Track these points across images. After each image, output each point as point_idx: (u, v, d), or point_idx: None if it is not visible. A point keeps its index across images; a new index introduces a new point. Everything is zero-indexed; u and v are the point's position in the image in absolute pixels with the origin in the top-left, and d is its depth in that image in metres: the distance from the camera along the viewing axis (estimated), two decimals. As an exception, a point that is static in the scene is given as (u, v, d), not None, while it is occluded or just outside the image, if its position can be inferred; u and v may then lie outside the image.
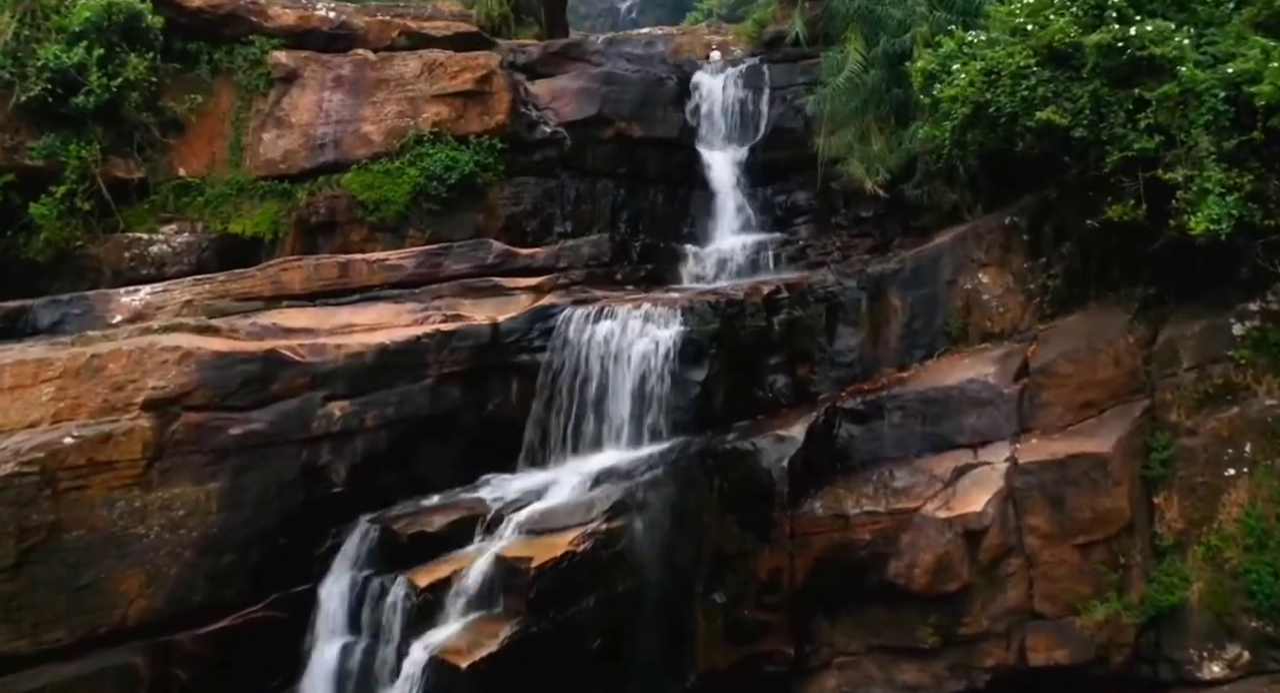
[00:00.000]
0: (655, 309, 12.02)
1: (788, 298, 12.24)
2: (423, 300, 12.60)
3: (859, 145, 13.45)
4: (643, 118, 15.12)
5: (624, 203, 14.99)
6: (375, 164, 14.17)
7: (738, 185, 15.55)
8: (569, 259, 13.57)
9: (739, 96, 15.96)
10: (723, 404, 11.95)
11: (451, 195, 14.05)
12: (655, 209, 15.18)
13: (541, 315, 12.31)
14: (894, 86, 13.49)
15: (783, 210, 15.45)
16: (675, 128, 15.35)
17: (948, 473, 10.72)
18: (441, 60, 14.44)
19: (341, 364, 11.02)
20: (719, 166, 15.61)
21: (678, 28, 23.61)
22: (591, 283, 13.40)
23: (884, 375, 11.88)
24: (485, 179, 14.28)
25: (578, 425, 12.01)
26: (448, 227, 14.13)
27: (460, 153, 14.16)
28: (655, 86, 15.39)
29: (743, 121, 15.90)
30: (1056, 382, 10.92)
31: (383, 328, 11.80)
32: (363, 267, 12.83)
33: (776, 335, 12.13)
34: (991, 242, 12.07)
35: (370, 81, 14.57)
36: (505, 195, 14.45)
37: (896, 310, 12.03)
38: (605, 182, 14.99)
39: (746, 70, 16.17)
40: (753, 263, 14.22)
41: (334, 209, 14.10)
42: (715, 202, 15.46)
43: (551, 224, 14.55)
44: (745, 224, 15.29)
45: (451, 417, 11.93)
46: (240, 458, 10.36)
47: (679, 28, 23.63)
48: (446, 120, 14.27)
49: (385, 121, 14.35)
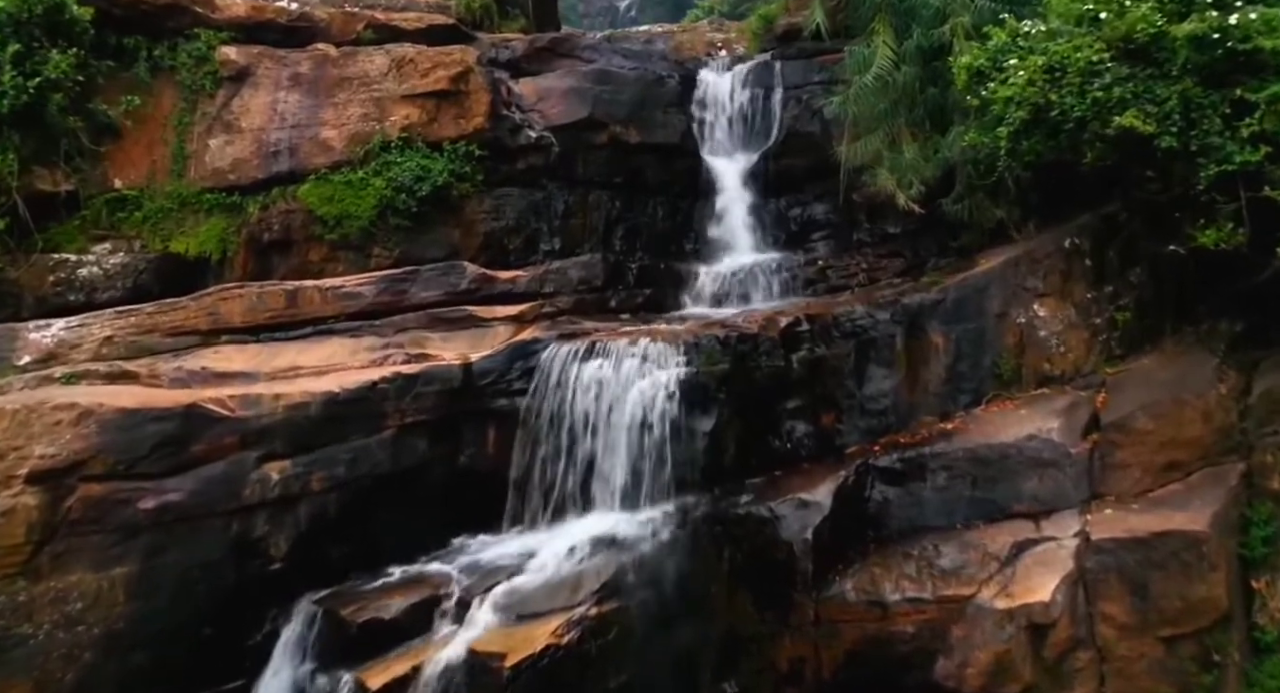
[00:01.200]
0: (654, 345, 10.10)
1: (809, 332, 10.29)
2: (384, 334, 10.65)
3: (888, 153, 11.49)
4: (640, 121, 13.15)
5: (619, 217, 13.02)
6: (336, 174, 12.24)
7: (747, 197, 13.58)
8: (556, 284, 11.63)
9: (748, 97, 13.99)
10: (734, 457, 10.03)
11: (423, 210, 12.13)
12: (654, 224, 13.21)
13: (522, 352, 10.37)
14: (929, 86, 11.53)
15: (798, 225, 13.48)
16: (677, 132, 13.37)
17: (1005, 549, 8.77)
18: (411, 56, 12.48)
19: (280, 417, 9.07)
20: (726, 176, 13.65)
21: (678, 25, 21.92)
22: (581, 311, 11.47)
23: (924, 426, 9.92)
24: (461, 191, 12.34)
25: (564, 482, 10.09)
26: (419, 245, 12.22)
27: (433, 161, 12.22)
28: (654, 86, 13.42)
29: (752, 125, 13.94)
30: (1133, 439, 8.99)
31: (334, 370, 9.86)
32: (314, 295, 10.87)
33: (796, 376, 10.19)
34: (1049, 268, 10.11)
35: (331, 80, 12.62)
36: (484, 209, 12.50)
37: (937, 349, 10.09)
38: (598, 193, 13.02)
39: (756, 68, 14.19)
40: (766, 287, 12.26)
41: (289, 225, 12.16)
42: (722, 215, 13.49)
43: (537, 241, 12.60)
44: (756, 241, 13.32)
45: (417, 473, 10.01)
46: (154, 536, 8.42)
47: (679, 25, 21.92)
48: (417, 124, 12.32)
49: (348, 126, 12.40)
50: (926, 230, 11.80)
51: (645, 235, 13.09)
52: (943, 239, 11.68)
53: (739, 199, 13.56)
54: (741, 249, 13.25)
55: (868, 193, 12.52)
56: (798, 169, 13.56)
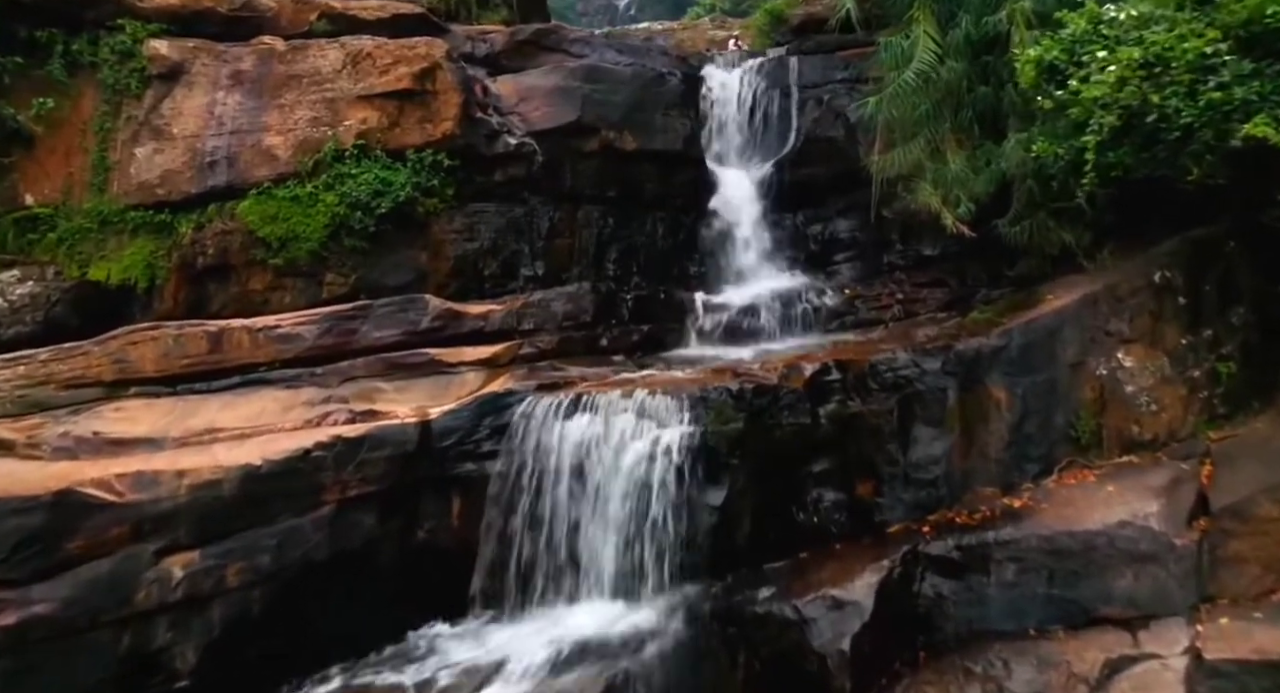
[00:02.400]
0: (653, 398, 8.19)
1: (840, 382, 8.34)
2: (327, 384, 8.71)
3: (930, 163, 9.53)
4: (637, 125, 11.19)
5: (613, 236, 11.07)
6: (281, 188, 10.29)
7: (760, 212, 11.63)
8: (536, 319, 9.69)
9: (761, 97, 12.04)
10: (749, 536, 8.12)
11: (382, 229, 10.20)
12: (653, 244, 11.25)
13: (493, 407, 8.43)
14: (978, 84, 9.56)
15: (819, 244, 11.53)
16: (679, 137, 11.40)
17: (1095, 670, 6.81)
18: (369, 50, 10.50)
19: (184, 500, 7.15)
20: (736, 187, 11.70)
21: (678, 22, 20.70)
22: (567, 352, 9.54)
23: (982, 500, 7.96)
24: (428, 207, 10.40)
25: (545, 564, 8.20)
26: (379, 270, 10.29)
27: (394, 173, 10.27)
28: (654, 85, 11.45)
29: (766, 129, 11.99)
30: (1252, 528, 7.03)
31: (260, 433, 7.92)
32: (243, 338, 8.92)
33: (825, 436, 8.24)
34: (1135, 307, 8.15)
35: (277, 78, 10.65)
36: (455, 228, 10.55)
37: (999, 405, 8.12)
38: (588, 208, 11.07)
39: (769, 65, 12.24)
40: (783, 320, 10.30)
41: (227, 248, 10.23)
42: (731, 233, 11.55)
43: (517, 265, 10.65)
44: (771, 263, 11.38)
45: (363, 554, 8.11)
46: (14, 660, 6.51)
47: (680, 22, 20.71)
48: (375, 129, 10.36)
49: (295, 131, 10.44)
50: (973, 253, 9.84)
51: (643, 257, 11.14)
52: (994, 265, 9.73)
53: (750, 214, 11.62)
54: (754, 273, 11.30)
55: (901, 208, 10.60)
56: (818, 179, 11.62)
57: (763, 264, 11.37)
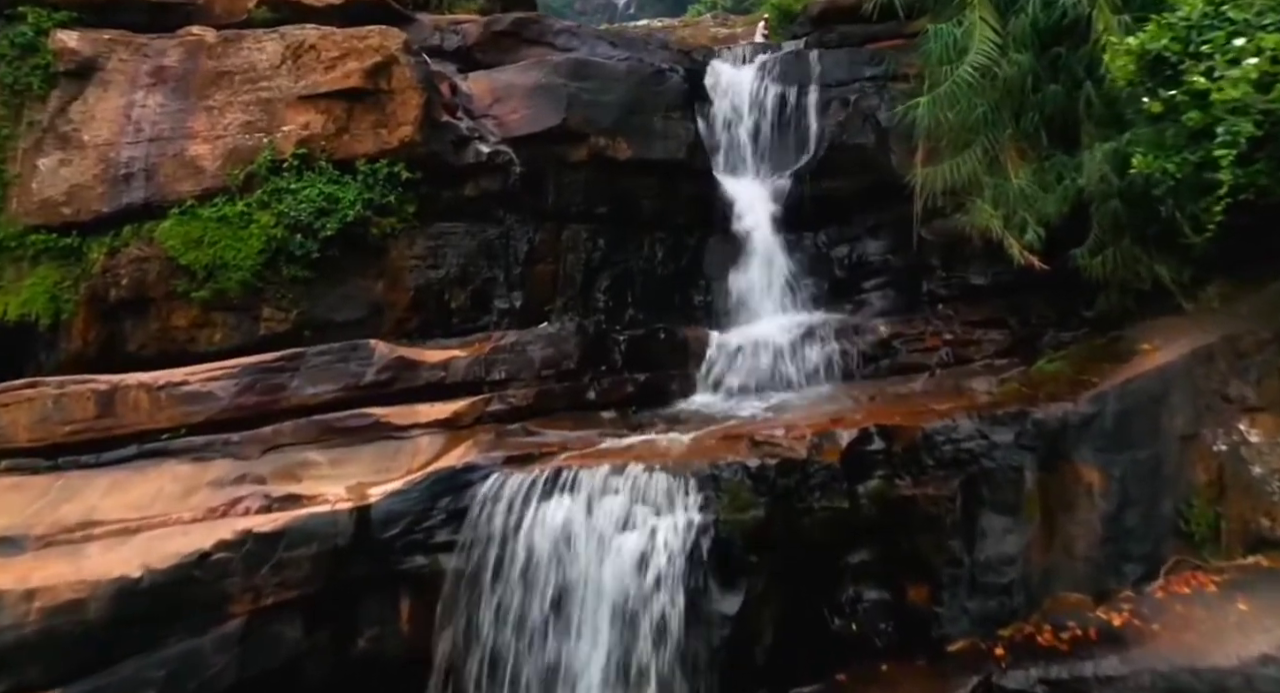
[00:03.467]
0: (650, 476, 6.42)
1: (884, 454, 6.53)
2: (244, 455, 6.91)
3: (989, 177, 7.71)
4: (633, 130, 9.37)
5: (604, 261, 9.27)
6: (207, 206, 8.54)
7: (776, 231, 9.81)
8: (509, 366, 7.89)
9: (776, 97, 10.21)
10: (771, 652, 6.36)
11: (329, 255, 8.46)
12: (652, 269, 9.44)
13: (449, 485, 6.63)
14: (1048, 81, 7.73)
15: (845, 269, 9.72)
16: (682, 145, 9.58)
17: None
18: (312, 42, 8.70)
19: (34, 629, 5.35)
20: (748, 202, 9.90)
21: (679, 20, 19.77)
22: (545, 409, 7.73)
23: (1069, 613, 6.13)
24: (384, 228, 8.64)
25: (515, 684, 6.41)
26: (325, 303, 8.57)
27: (342, 187, 8.50)
28: (651, 83, 9.63)
29: (782, 134, 10.18)
30: None
31: (152, 525, 6.11)
32: (140, 398, 7.10)
33: (866, 521, 6.46)
34: (1264, 365, 6.31)
35: (206, 75, 8.86)
36: (417, 253, 8.78)
37: (1090, 489, 6.30)
38: (575, 228, 9.28)
39: (786, 60, 10.41)
40: (807, 366, 8.49)
41: (144, 278, 8.50)
42: (743, 256, 9.74)
43: (490, 296, 8.87)
44: (790, 292, 9.56)
45: (285, 674, 6.33)
46: None
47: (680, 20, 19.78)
48: (320, 136, 8.58)
49: (225, 138, 8.66)
50: (1035, 286, 8.02)
51: (639, 286, 9.34)
52: (1063, 300, 7.92)
53: (765, 233, 9.80)
54: (770, 304, 9.49)
55: (943, 228, 8.83)
56: (843, 193, 9.80)
57: (780, 293, 9.56)
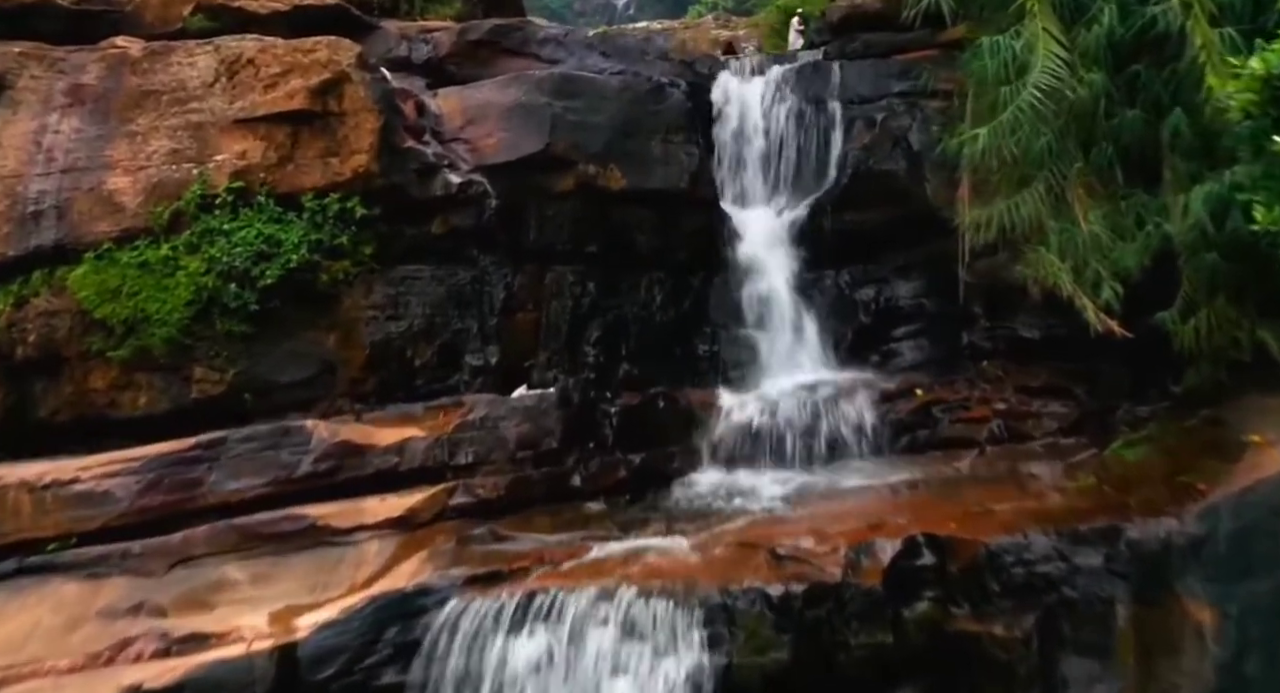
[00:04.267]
0: (647, 605, 5.09)
1: (934, 572, 5.19)
2: (148, 571, 5.57)
3: (1055, 221, 6.33)
4: (627, 155, 8.02)
5: (593, 307, 7.92)
6: (127, 250, 7.27)
7: (793, 270, 8.47)
8: (477, 448, 6.53)
9: (792, 115, 8.84)
10: None
11: (270, 306, 7.18)
12: (650, 317, 8.08)
13: (397, 612, 5.29)
14: (1124, 105, 6.35)
15: (872, 314, 8.34)
16: (684, 171, 8.22)
17: None
18: (250, 55, 7.35)
19: None
20: (760, 236, 8.54)
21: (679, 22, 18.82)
22: (520, 500, 6.38)
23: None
24: (336, 273, 7.33)
25: None
26: (267, 362, 7.28)
27: (285, 227, 7.20)
28: (649, 100, 8.26)
29: (799, 159, 8.79)
30: None
31: (19, 677, 4.77)
32: (22, 500, 5.77)
33: (912, 654, 5.12)
34: None
35: (129, 95, 7.53)
36: (375, 302, 7.46)
37: (1200, 629, 4.90)
38: (560, 270, 7.93)
39: (803, 72, 9.02)
40: (831, 437, 7.11)
41: (53, 334, 7.23)
42: (753, 299, 8.38)
43: (460, 352, 7.55)
44: (809, 342, 8.19)
45: None
46: None
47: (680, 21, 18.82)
48: (259, 166, 7.26)
49: (149, 169, 7.34)
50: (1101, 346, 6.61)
51: (635, 335, 7.98)
52: (1139, 366, 6.55)
53: (779, 273, 8.46)
54: (786, 357, 8.13)
55: (987, 269, 7.49)
56: (870, 227, 8.45)
57: (798, 343, 8.21)
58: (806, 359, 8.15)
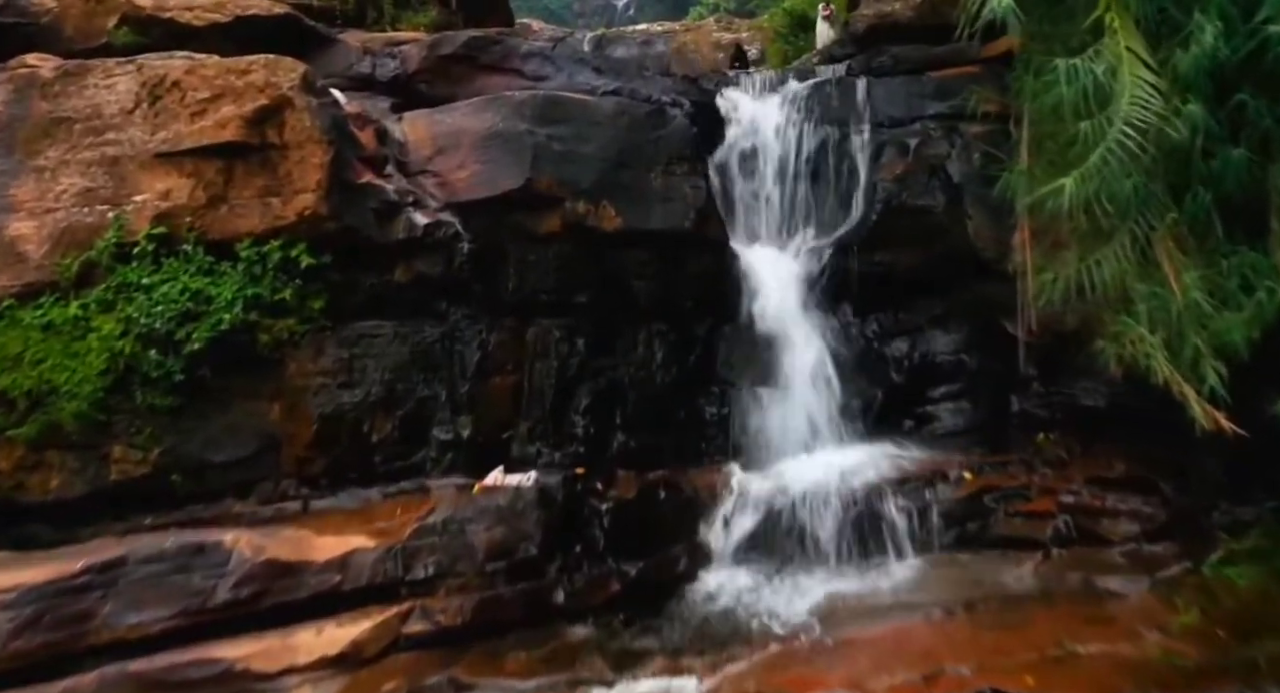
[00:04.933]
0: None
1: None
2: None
3: (1141, 283, 5.15)
4: (623, 190, 6.86)
5: (583, 368, 6.76)
6: (31, 308, 6.10)
7: (812, 318, 7.31)
8: (439, 558, 5.34)
9: (812, 140, 7.68)
10: None
11: (199, 374, 6.01)
12: (649, 378, 6.92)
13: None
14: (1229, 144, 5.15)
15: (904, 371, 7.20)
16: (689, 208, 7.04)
17: None
18: (176, 77, 6.16)
19: None
20: (775, 280, 7.37)
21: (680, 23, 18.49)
22: (491, 624, 5.19)
23: None
24: (279, 334, 6.17)
25: None
26: (198, 438, 6.14)
27: (218, 281, 6.05)
28: (648, 125, 7.09)
29: (820, 190, 7.64)
30: None
31: None
32: None
33: None
34: None
35: (37, 123, 6.35)
36: (326, 366, 6.31)
37: None
38: (545, 324, 6.76)
39: (825, 90, 7.84)
40: (863, 530, 5.95)
41: (-56, 407, 6.01)
42: (768, 353, 7.21)
43: (426, 424, 6.40)
44: (832, 406, 7.02)
45: None
46: None
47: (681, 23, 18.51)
48: (186, 208, 6.09)
49: (58, 212, 6.17)
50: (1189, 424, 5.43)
51: (632, 400, 6.82)
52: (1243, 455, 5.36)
53: (797, 322, 7.28)
54: (806, 423, 6.95)
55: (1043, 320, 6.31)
56: (902, 269, 7.31)
57: (819, 404, 7.03)
58: (830, 425, 6.98)
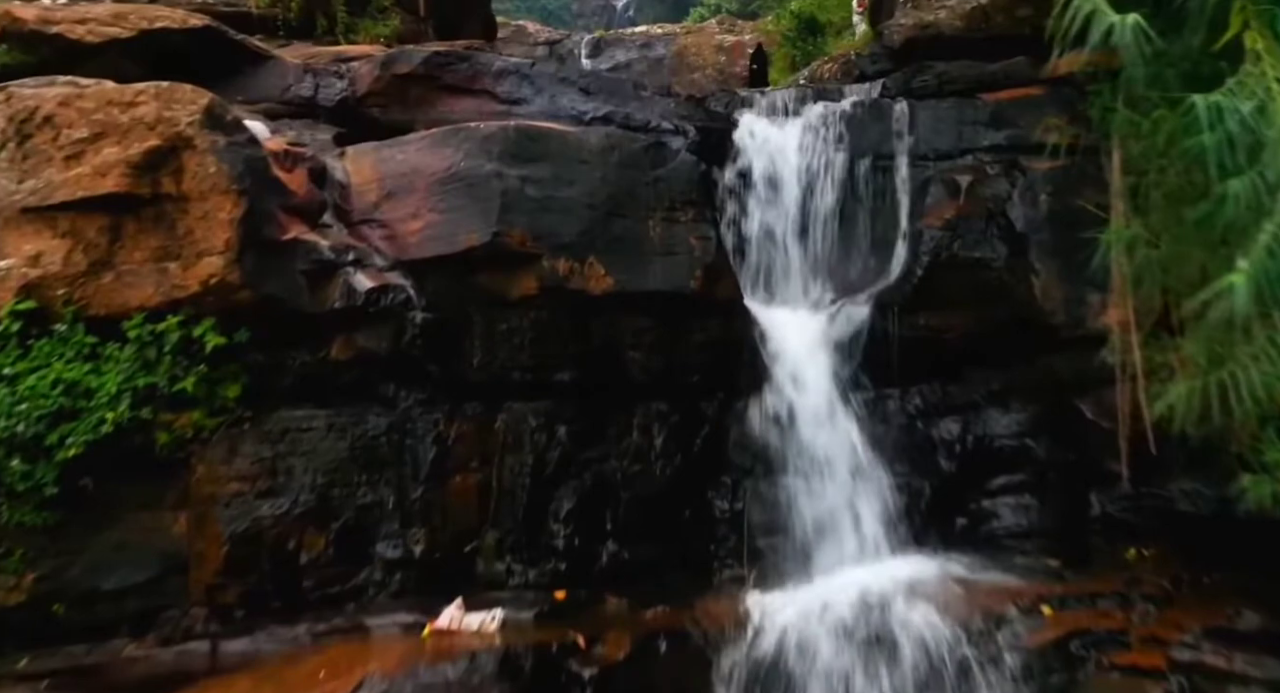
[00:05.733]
0: None
1: None
2: None
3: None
4: (614, 243, 5.53)
5: (566, 463, 5.44)
6: None
7: (842, 390, 5.98)
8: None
9: (841, 175, 6.36)
10: None
11: (80, 485, 4.67)
12: (646, 471, 5.60)
13: None
14: None
15: (955, 458, 5.88)
16: (696, 263, 5.71)
17: None
18: (49, 111, 4.83)
19: None
20: (798, 345, 6.04)
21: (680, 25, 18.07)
22: None
23: None
24: (180, 431, 4.87)
25: None
26: (83, 561, 4.90)
27: (101, 369, 4.76)
28: (646, 161, 5.75)
29: (850, 236, 6.33)
30: None
31: None
32: None
33: None
34: None
35: (-118, 165, 5.01)
36: (240, 469, 5.01)
37: None
38: (518, 410, 5.44)
39: (856, 114, 6.50)
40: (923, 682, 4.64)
41: None
42: (790, 433, 5.88)
43: (369, 539, 5.10)
44: (864, 502, 5.70)
45: None
46: None
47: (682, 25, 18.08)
48: (61, 277, 4.77)
49: (-99, 279, 4.84)
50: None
51: (625, 501, 5.50)
52: None
53: (824, 395, 5.95)
54: (836, 526, 5.63)
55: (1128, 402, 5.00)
56: (954, 334, 5.96)
57: (852, 499, 5.70)
58: (868, 527, 5.66)
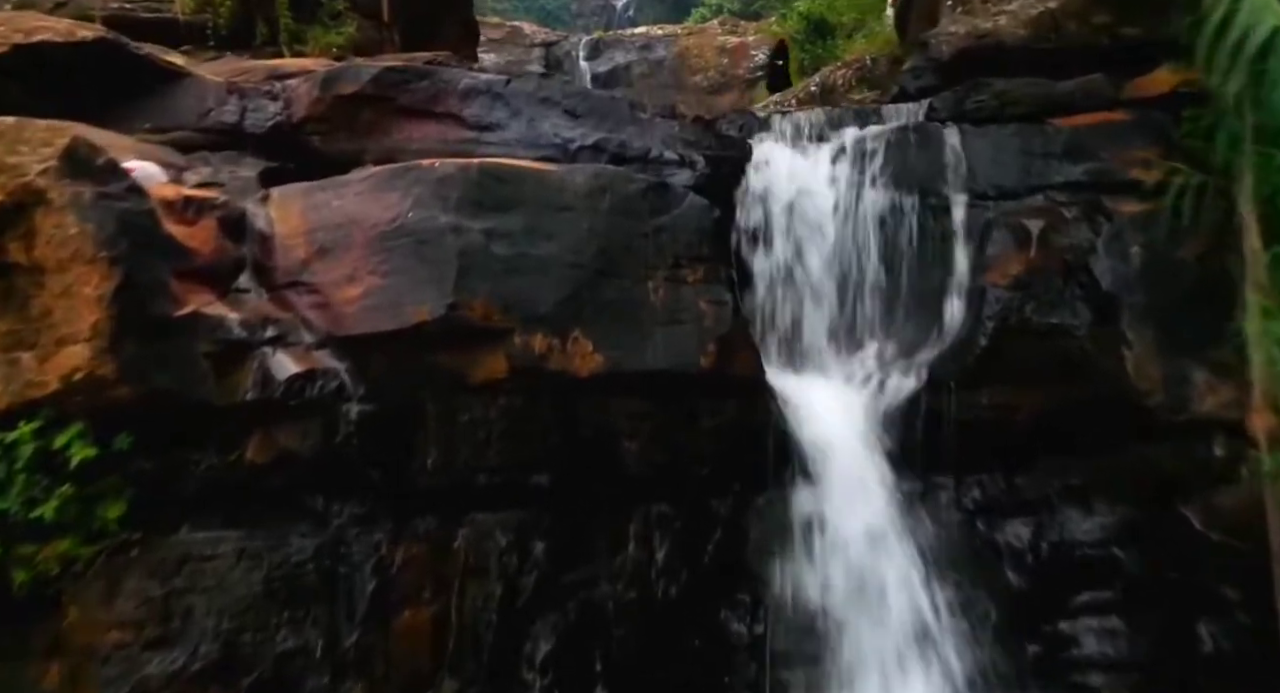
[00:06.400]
0: None
1: None
2: None
3: None
4: (605, 311, 4.37)
5: (543, 588, 4.28)
6: None
7: (887, 483, 4.82)
8: None
9: (882, 213, 5.19)
10: None
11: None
12: (645, 594, 4.45)
13: None
14: None
15: (1026, 568, 4.74)
16: (707, 336, 4.54)
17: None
18: None
19: None
20: (829, 424, 4.88)
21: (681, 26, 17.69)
22: None
23: None
24: (44, 565, 3.70)
25: None
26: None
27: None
28: (644, 206, 4.58)
29: (894, 287, 5.16)
30: None
31: None
32: None
33: None
34: None
35: None
36: (122, 614, 3.85)
37: None
38: (483, 523, 4.28)
39: (899, 142, 5.33)
40: None
41: None
42: (820, 536, 4.73)
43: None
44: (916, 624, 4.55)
45: None
46: None
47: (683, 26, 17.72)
48: (-125, 375, 3.59)
49: None
50: None
51: (617, 635, 4.34)
52: None
53: (861, 488, 4.80)
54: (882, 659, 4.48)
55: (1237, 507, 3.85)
56: (1024, 415, 4.80)
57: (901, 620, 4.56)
58: (922, 655, 4.51)
